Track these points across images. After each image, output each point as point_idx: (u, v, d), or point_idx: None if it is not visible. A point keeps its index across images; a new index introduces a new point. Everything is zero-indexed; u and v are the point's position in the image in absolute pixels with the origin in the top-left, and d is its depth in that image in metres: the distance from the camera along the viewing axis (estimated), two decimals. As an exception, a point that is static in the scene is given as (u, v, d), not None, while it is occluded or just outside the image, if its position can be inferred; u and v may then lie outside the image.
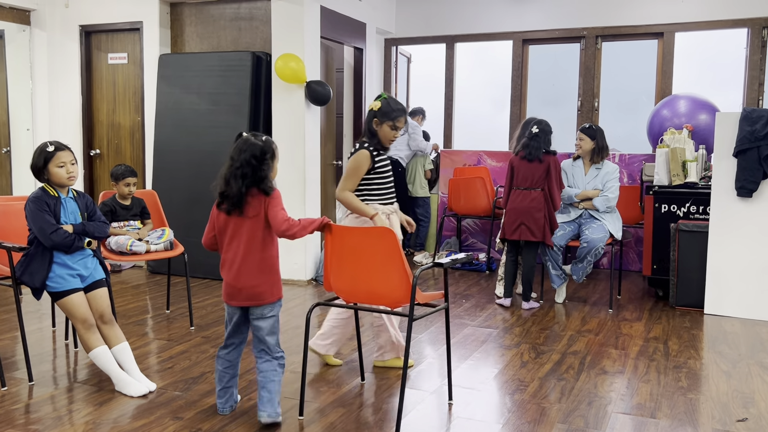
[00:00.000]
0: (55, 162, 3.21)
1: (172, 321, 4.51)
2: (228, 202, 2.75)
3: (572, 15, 6.70)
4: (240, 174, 2.70)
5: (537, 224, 4.77)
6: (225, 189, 2.74)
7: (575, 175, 5.11)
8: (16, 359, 3.69)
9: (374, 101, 3.43)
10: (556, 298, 5.12)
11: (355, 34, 6.58)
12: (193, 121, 5.86)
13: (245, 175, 2.70)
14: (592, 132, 5.03)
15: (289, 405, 3.09)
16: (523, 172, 4.82)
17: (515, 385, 3.40)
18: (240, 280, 2.78)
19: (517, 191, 4.85)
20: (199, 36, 6.22)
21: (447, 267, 2.90)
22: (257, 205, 2.76)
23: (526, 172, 4.80)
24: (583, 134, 5.05)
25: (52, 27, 6.56)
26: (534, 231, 4.78)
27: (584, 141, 5.03)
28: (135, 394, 3.18)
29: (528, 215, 4.77)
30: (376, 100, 3.42)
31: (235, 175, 2.70)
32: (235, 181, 2.70)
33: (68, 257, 3.25)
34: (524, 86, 7.07)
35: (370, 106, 3.43)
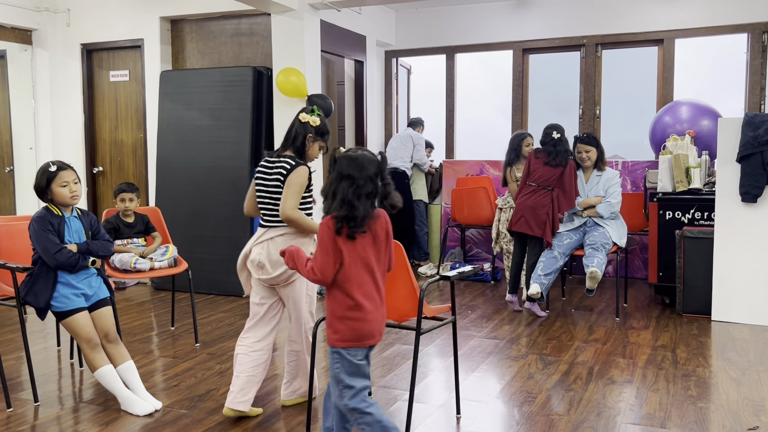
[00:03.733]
0: (57, 182, 3.21)
1: (177, 338, 4.50)
2: (364, 220, 2.33)
3: (571, 23, 6.71)
4: (365, 193, 2.32)
5: (537, 220, 4.87)
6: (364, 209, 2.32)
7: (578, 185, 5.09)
8: (22, 380, 3.67)
9: (309, 115, 3.11)
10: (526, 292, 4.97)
11: (355, 47, 6.60)
12: (196, 136, 5.87)
13: (372, 193, 2.34)
14: (595, 141, 5.03)
15: (295, 422, 3.07)
16: (540, 171, 4.95)
17: (523, 397, 3.37)
18: (381, 314, 2.41)
19: (529, 187, 4.99)
20: (200, 52, 6.24)
21: (454, 280, 2.88)
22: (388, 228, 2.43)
23: (543, 171, 4.93)
24: (588, 145, 5.00)
25: (54, 46, 6.60)
26: (532, 226, 4.89)
27: (591, 152, 4.99)
28: (141, 413, 3.17)
29: (531, 210, 4.90)
30: (312, 114, 3.11)
31: (360, 195, 2.31)
32: (362, 201, 2.31)
33: (72, 277, 3.24)
34: (525, 95, 7.07)
35: (305, 119, 3.10)
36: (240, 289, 5.67)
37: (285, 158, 3.10)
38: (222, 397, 3.39)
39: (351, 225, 2.30)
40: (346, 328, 2.34)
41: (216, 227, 5.75)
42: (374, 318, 2.35)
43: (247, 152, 5.67)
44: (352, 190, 2.30)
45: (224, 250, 5.69)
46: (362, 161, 2.34)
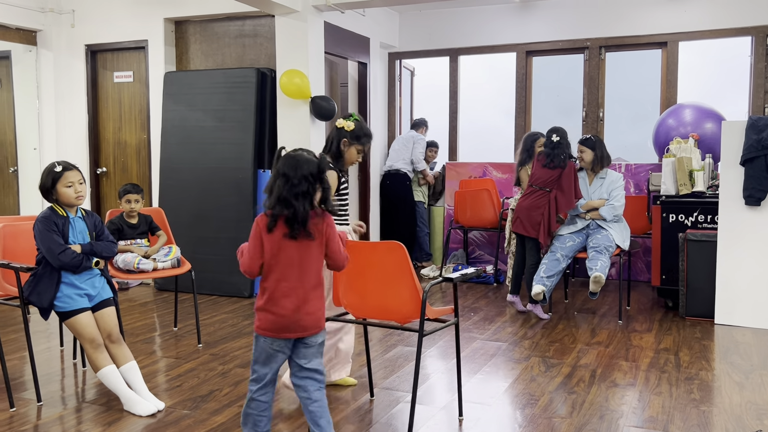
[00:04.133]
0: (63, 182, 3.22)
1: (180, 338, 4.50)
2: (292, 224, 2.39)
3: (575, 26, 6.71)
4: (302, 192, 2.37)
5: (532, 221, 4.97)
6: (287, 211, 2.37)
7: (581, 185, 5.10)
8: (25, 379, 3.68)
9: (345, 120, 3.23)
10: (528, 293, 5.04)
11: (359, 48, 6.61)
12: (199, 138, 5.88)
13: (306, 193, 2.38)
14: (591, 143, 5.04)
15: (297, 424, 3.07)
16: (539, 173, 5.04)
17: (526, 399, 3.37)
18: (304, 308, 2.45)
19: (529, 188, 5.10)
20: (204, 53, 6.25)
21: (456, 282, 2.88)
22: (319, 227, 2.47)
23: (541, 173, 5.02)
24: (583, 146, 5.06)
25: (59, 47, 6.61)
26: (527, 227, 4.98)
27: (585, 153, 5.04)
28: (143, 414, 3.17)
29: (526, 212, 5.00)
30: (348, 120, 3.23)
31: (296, 195, 2.37)
32: (298, 201, 2.37)
33: (76, 277, 3.25)
34: (529, 97, 7.07)
35: (340, 124, 3.23)
36: (242, 291, 5.68)
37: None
38: (225, 398, 3.39)
39: (292, 225, 2.37)
40: (263, 317, 2.46)
41: (219, 228, 5.76)
42: (292, 314, 2.42)
43: (250, 154, 5.68)
44: (287, 189, 2.36)
45: (227, 251, 5.70)
46: (298, 160, 2.40)
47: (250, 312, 5.22)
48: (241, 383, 3.61)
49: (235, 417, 3.15)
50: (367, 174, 7.04)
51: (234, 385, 3.57)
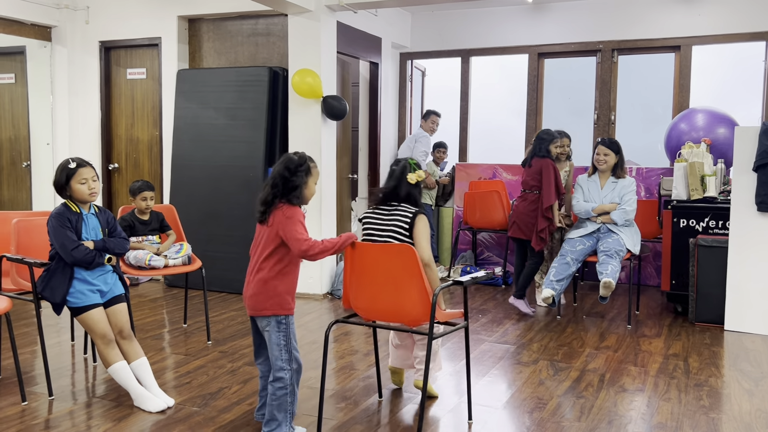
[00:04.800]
0: (77, 178, 3.24)
1: (190, 335, 4.53)
2: (258, 209, 2.81)
3: (588, 28, 6.69)
4: (271, 183, 2.78)
5: (525, 224, 5.09)
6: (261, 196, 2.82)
7: (591, 189, 5.07)
8: (36, 374, 3.71)
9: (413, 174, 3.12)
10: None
11: (370, 48, 6.62)
12: (211, 135, 5.90)
13: (275, 185, 2.77)
14: (617, 147, 5.02)
15: (307, 422, 3.09)
16: (524, 176, 5.22)
17: (534, 403, 3.37)
18: (248, 288, 2.82)
19: (522, 193, 5.25)
20: (217, 51, 6.28)
21: (467, 285, 2.88)
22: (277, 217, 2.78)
23: (525, 175, 5.20)
24: (608, 149, 4.99)
25: (73, 43, 6.66)
26: (525, 231, 5.11)
27: (609, 156, 4.99)
28: (153, 410, 3.19)
29: (520, 215, 5.13)
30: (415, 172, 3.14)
31: (268, 184, 2.80)
32: (264, 189, 2.79)
33: (88, 273, 3.27)
34: (540, 99, 7.06)
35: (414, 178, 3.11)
36: (252, 288, 5.70)
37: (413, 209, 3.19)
38: (234, 395, 3.41)
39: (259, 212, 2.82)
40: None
41: (229, 226, 5.78)
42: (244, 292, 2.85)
43: (261, 152, 5.70)
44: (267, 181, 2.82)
45: (237, 248, 5.72)
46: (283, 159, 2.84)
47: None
48: (250, 381, 3.63)
49: (244, 415, 3.16)
50: (377, 175, 7.04)
51: (243, 383, 3.59)
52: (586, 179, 5.13)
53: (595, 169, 5.09)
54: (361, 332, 4.61)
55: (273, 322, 2.78)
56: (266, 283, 2.77)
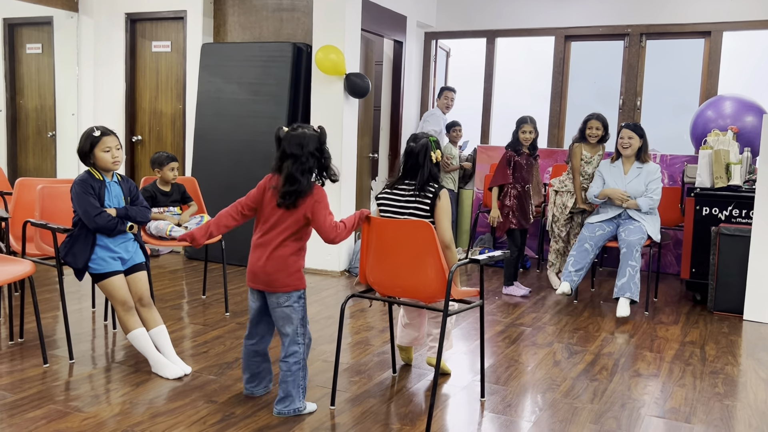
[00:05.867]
0: (101, 147, 3.28)
1: (208, 306, 4.58)
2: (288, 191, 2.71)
3: (616, 12, 6.58)
4: (308, 168, 2.72)
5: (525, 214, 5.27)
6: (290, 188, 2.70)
7: (614, 175, 4.94)
8: (57, 338, 3.79)
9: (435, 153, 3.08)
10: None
11: (395, 27, 6.58)
12: (233, 110, 5.93)
13: (306, 167, 2.71)
14: (641, 130, 4.90)
15: (320, 393, 3.13)
16: None
17: (547, 384, 3.38)
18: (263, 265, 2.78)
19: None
20: (242, 26, 6.28)
21: (483, 264, 2.88)
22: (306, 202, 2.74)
23: None
24: (633, 132, 4.86)
25: (99, 14, 6.70)
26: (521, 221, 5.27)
27: (634, 139, 4.86)
28: (170, 377, 3.25)
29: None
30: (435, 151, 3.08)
31: (303, 171, 2.70)
32: (304, 176, 2.71)
33: (110, 240, 3.32)
34: (565, 83, 6.98)
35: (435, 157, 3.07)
36: (270, 263, 5.74)
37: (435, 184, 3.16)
38: (249, 365, 3.46)
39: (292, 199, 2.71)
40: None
41: (249, 200, 5.81)
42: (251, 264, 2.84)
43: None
44: (296, 167, 2.69)
45: (256, 223, 5.76)
46: (303, 138, 2.72)
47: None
48: (265, 353, 3.67)
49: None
50: (397, 155, 7.03)
51: (259, 354, 3.63)
52: (608, 166, 5.01)
53: (619, 155, 5.01)
54: (376, 309, 4.63)
55: (294, 296, 2.80)
56: (287, 260, 2.77)
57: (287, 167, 2.70)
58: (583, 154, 5.23)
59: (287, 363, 2.82)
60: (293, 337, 2.82)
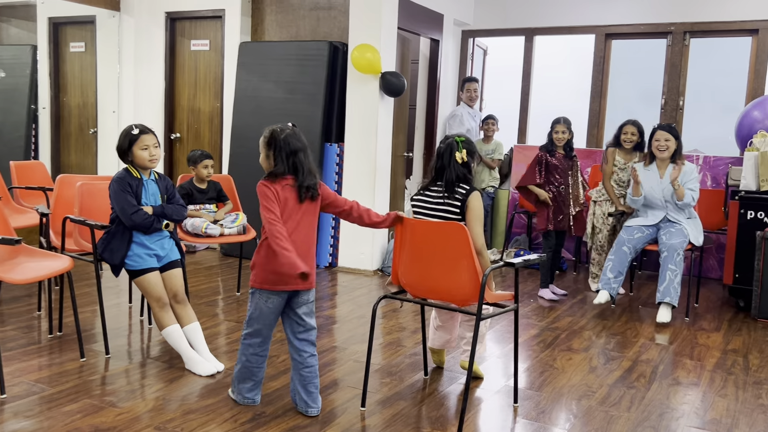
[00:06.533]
0: (139, 144, 3.32)
1: (242, 303, 4.61)
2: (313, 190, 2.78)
3: (659, 9, 6.42)
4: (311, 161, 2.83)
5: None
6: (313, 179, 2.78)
7: (650, 179, 4.76)
8: (95, 332, 3.85)
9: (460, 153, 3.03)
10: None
11: (432, 25, 6.53)
12: (270, 109, 5.96)
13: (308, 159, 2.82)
14: (675, 131, 4.73)
15: (351, 394, 3.11)
16: None
17: (582, 390, 3.31)
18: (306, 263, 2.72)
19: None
20: (279, 25, 6.31)
21: (518, 267, 2.83)
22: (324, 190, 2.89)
23: None
24: (669, 134, 4.70)
25: (140, 13, 6.80)
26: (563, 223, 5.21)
27: (670, 141, 4.69)
28: (203, 374, 3.27)
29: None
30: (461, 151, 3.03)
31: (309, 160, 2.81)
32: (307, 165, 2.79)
33: (146, 237, 3.36)
34: (605, 82, 6.84)
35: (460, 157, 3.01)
36: (304, 261, 5.76)
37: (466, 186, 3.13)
38: (281, 364, 3.46)
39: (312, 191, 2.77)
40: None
41: (284, 199, 5.84)
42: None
43: (318, 127, 5.72)
44: (309, 161, 2.78)
45: (291, 221, 5.79)
46: (301, 135, 2.82)
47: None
48: (297, 351, 3.67)
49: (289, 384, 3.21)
50: (432, 154, 6.98)
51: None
52: (642, 170, 4.82)
53: (653, 158, 4.84)
54: (409, 309, 4.60)
55: (314, 290, 2.88)
56: (314, 255, 2.85)
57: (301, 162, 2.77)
58: (616, 160, 5.13)
59: (314, 359, 2.85)
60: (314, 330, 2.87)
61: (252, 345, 2.85)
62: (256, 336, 2.84)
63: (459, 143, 3.04)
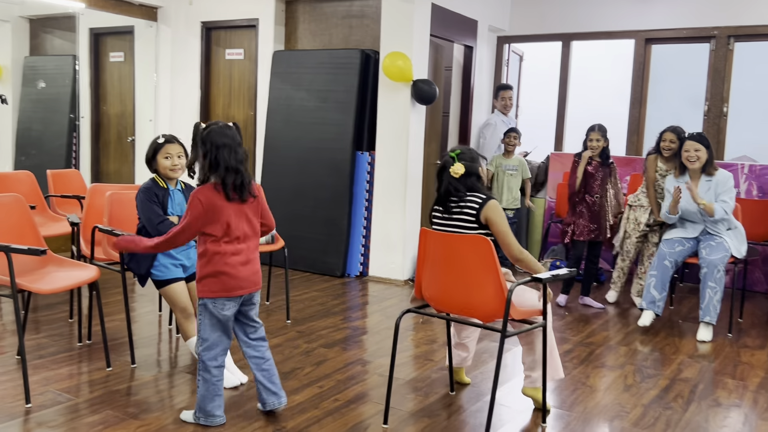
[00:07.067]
0: (162, 153, 3.33)
1: (271, 313, 4.60)
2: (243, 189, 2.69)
3: (702, 12, 6.20)
4: (243, 158, 2.69)
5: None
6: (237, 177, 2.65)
7: (684, 192, 4.55)
8: (124, 341, 3.87)
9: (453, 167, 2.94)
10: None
11: (466, 31, 6.44)
12: (302, 117, 5.95)
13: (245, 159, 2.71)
14: (706, 141, 4.50)
15: (374, 410, 3.05)
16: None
17: (615, 410, 3.18)
18: (253, 266, 2.79)
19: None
20: (312, 33, 6.31)
21: (546, 282, 2.73)
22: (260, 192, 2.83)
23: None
24: (699, 144, 4.47)
25: (177, 23, 6.88)
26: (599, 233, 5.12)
27: (701, 152, 4.47)
28: (227, 386, 3.24)
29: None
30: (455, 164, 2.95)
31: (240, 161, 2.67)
32: (242, 166, 2.68)
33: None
34: (645, 88, 6.65)
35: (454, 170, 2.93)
36: (335, 270, 5.73)
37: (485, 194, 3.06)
38: (305, 377, 3.42)
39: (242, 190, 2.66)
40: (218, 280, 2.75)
41: (316, 207, 5.83)
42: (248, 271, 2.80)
43: (350, 135, 5.69)
44: (233, 157, 2.62)
45: (323, 229, 5.77)
46: (228, 130, 2.66)
47: (341, 291, 5.26)
48: (323, 363, 3.63)
49: (313, 398, 3.16)
50: (468, 161, 6.88)
51: (316, 365, 3.60)
52: (673, 182, 4.64)
53: (684, 169, 4.62)
54: (440, 321, 4.52)
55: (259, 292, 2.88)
56: (258, 258, 2.84)
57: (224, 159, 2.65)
58: (658, 167, 4.95)
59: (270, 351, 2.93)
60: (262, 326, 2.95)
61: (214, 358, 2.76)
62: (216, 347, 2.76)
63: (454, 157, 2.95)
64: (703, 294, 4.37)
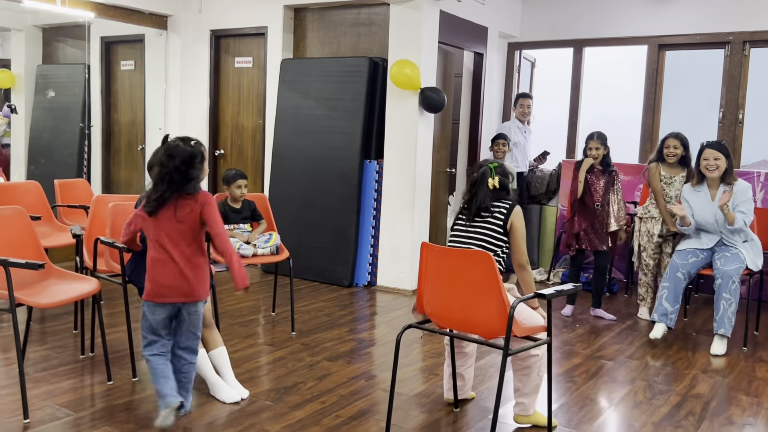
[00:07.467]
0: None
1: (277, 324, 4.55)
2: (152, 205, 2.76)
3: (716, 18, 6.09)
4: (168, 179, 2.74)
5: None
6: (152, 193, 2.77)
7: (701, 201, 4.46)
8: (126, 354, 3.84)
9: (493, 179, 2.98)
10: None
11: (475, 38, 6.38)
12: (310, 125, 5.92)
13: (173, 180, 2.73)
14: (726, 149, 4.41)
15: (376, 427, 2.99)
16: None
17: (624, 428, 3.09)
18: (183, 277, 2.79)
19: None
20: (320, 41, 6.28)
21: (550, 299, 2.65)
22: (189, 207, 2.79)
23: None
24: (719, 153, 4.38)
25: (186, 32, 6.89)
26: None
27: (720, 160, 4.39)
28: (227, 401, 3.20)
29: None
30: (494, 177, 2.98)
31: (163, 180, 2.75)
32: (162, 185, 2.74)
33: (173, 260, 3.32)
34: (659, 95, 6.54)
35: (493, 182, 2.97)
36: (343, 279, 5.67)
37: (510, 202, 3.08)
38: (308, 391, 3.37)
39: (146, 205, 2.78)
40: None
41: (323, 216, 5.78)
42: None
43: (358, 144, 5.64)
44: (160, 176, 2.75)
45: (330, 238, 5.72)
46: (171, 151, 2.76)
47: (349, 302, 5.21)
48: (326, 377, 3.58)
49: (314, 414, 3.11)
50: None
51: (319, 379, 3.55)
52: (690, 191, 4.55)
53: (702, 178, 4.53)
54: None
55: (202, 303, 2.88)
56: (202, 269, 2.85)
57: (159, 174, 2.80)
58: (662, 175, 4.86)
59: (192, 366, 2.93)
60: (197, 341, 2.95)
61: (154, 350, 2.84)
62: (154, 344, 2.85)
63: (492, 170, 2.97)
64: (718, 305, 4.26)
